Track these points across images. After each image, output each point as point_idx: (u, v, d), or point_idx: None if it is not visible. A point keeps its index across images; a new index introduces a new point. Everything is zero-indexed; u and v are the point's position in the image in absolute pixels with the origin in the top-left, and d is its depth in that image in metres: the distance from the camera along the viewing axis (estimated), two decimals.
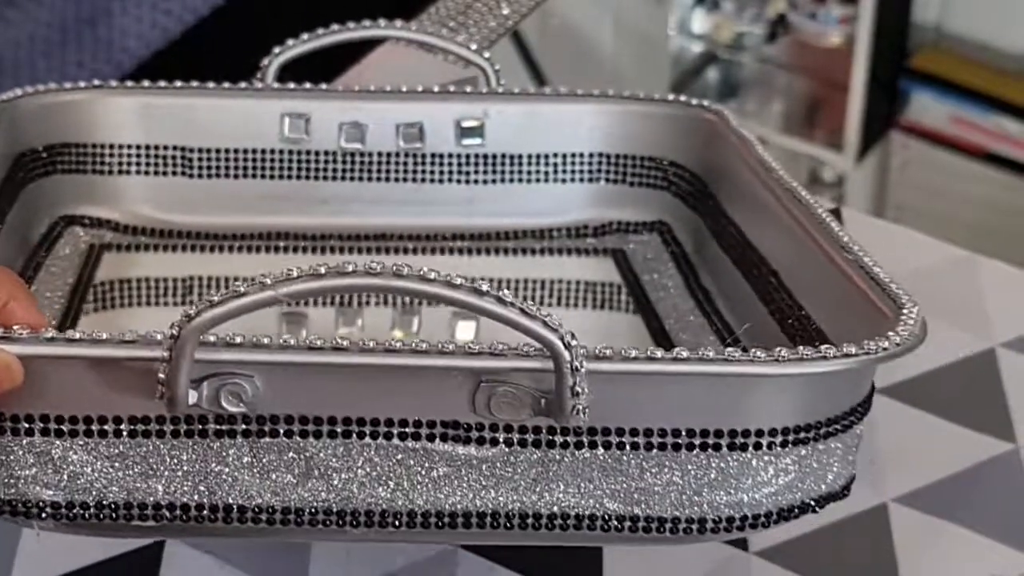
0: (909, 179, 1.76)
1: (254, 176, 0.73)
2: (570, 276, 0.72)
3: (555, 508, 0.51)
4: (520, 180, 0.73)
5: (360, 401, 0.49)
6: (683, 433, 0.50)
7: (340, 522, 0.51)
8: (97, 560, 0.62)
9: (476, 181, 0.73)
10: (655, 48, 1.83)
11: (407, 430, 0.50)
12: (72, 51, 1.07)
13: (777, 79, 1.83)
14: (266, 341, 0.48)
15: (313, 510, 0.51)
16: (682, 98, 0.72)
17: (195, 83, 0.72)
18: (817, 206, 0.61)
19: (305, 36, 0.71)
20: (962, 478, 0.65)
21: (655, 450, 0.50)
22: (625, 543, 0.53)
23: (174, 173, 0.73)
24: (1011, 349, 0.70)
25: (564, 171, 0.73)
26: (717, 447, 0.50)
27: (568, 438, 0.50)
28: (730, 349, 0.49)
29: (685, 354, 0.49)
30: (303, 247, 0.72)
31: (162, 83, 0.72)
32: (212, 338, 0.48)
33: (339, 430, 0.50)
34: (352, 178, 0.73)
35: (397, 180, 0.73)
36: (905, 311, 0.53)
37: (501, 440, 0.50)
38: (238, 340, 0.48)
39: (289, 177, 0.73)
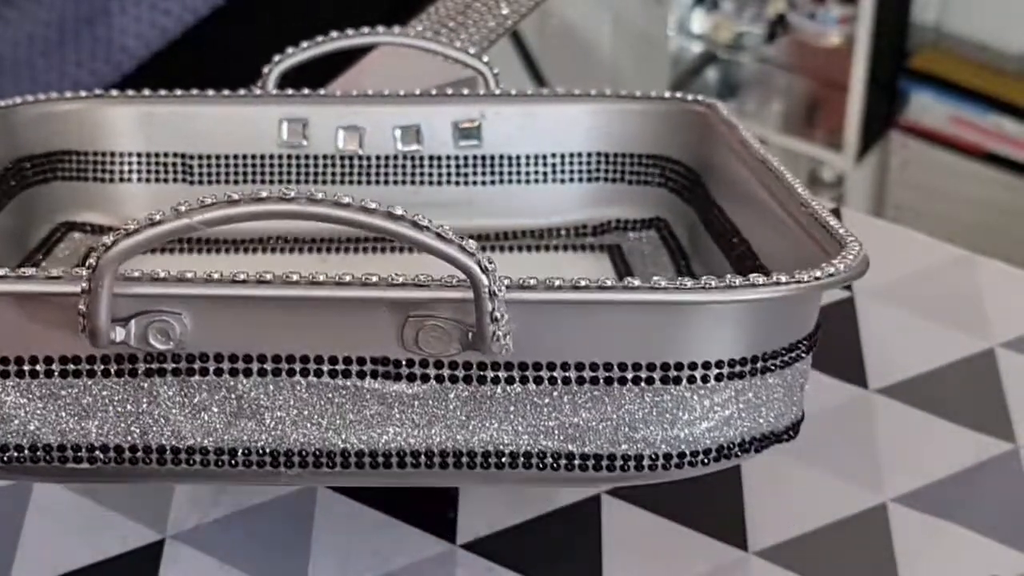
0: (908, 179, 1.76)
1: (254, 181, 0.73)
2: (569, 274, 0.72)
3: (489, 446, 0.51)
4: (518, 181, 0.73)
5: (288, 337, 0.50)
6: (615, 367, 0.50)
7: (273, 463, 0.51)
8: (97, 560, 0.62)
9: (474, 183, 0.73)
10: (654, 48, 1.83)
11: (337, 367, 0.50)
12: (71, 51, 1.07)
13: (776, 79, 1.83)
14: (190, 275, 0.49)
15: (246, 450, 0.51)
16: (677, 94, 0.72)
17: (194, 91, 0.73)
18: (788, 174, 0.61)
19: (305, 44, 0.71)
20: (962, 478, 0.65)
21: (587, 384, 0.50)
22: (561, 483, 0.53)
23: (175, 180, 0.73)
24: (1011, 349, 0.70)
25: (562, 171, 0.73)
26: (650, 380, 0.50)
27: (499, 373, 0.50)
28: (657, 278, 0.49)
29: (610, 282, 0.49)
30: (301, 248, 0.72)
31: (162, 91, 0.73)
32: (138, 274, 0.48)
33: (268, 368, 0.50)
34: (351, 181, 0.73)
35: (395, 183, 0.73)
36: (847, 247, 0.53)
37: (432, 376, 0.50)
38: (162, 275, 0.48)
39: (288, 181, 0.73)
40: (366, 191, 0.73)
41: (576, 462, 0.52)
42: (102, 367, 0.50)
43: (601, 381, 0.51)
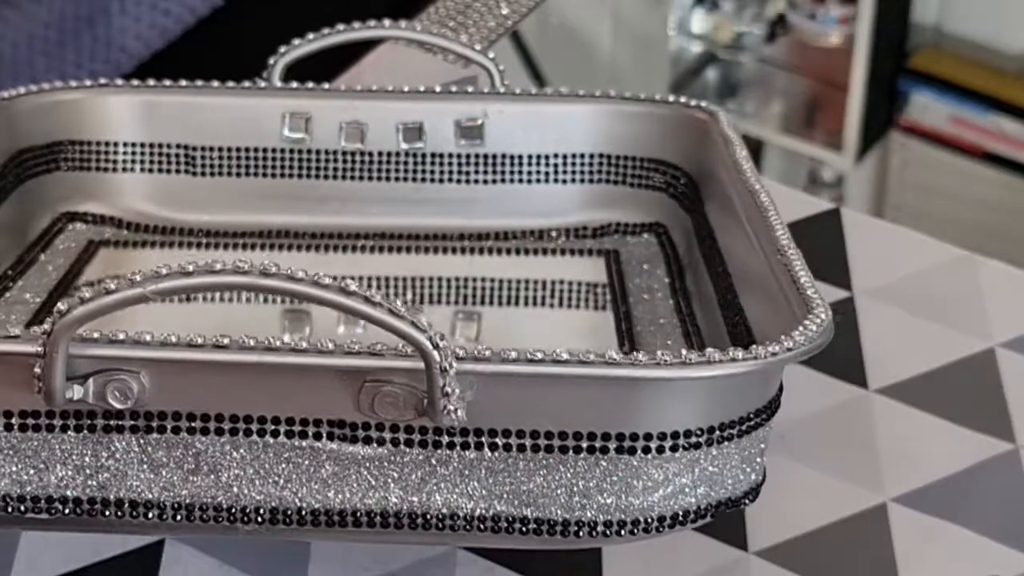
0: (908, 179, 1.76)
1: (255, 175, 0.73)
2: (567, 276, 0.72)
3: (444, 509, 0.52)
4: (519, 180, 0.73)
5: (246, 398, 0.50)
6: (570, 436, 0.51)
7: (231, 519, 0.52)
8: (96, 560, 0.62)
9: (476, 181, 0.73)
10: (654, 48, 1.83)
11: (294, 428, 0.51)
12: (71, 51, 1.07)
13: (776, 79, 1.83)
14: (147, 338, 0.49)
15: (203, 506, 0.52)
16: (681, 99, 0.72)
17: (199, 82, 0.72)
18: (772, 210, 0.61)
19: (311, 36, 0.71)
20: (962, 478, 0.65)
21: (542, 452, 0.51)
22: (517, 544, 0.53)
23: (177, 171, 0.73)
24: (1011, 349, 0.70)
25: (563, 171, 0.73)
26: (604, 450, 0.51)
27: (454, 438, 0.51)
28: (611, 352, 0.49)
29: (565, 356, 0.49)
30: (302, 245, 0.72)
31: (166, 82, 0.73)
32: (96, 335, 0.49)
33: (226, 427, 0.51)
34: (352, 177, 0.73)
35: (397, 180, 0.73)
36: (813, 312, 0.53)
37: (388, 439, 0.51)
38: (120, 336, 0.49)
39: (290, 176, 0.73)
40: (368, 187, 0.73)
41: (531, 526, 0.52)
42: (61, 422, 0.51)
43: (556, 449, 0.51)
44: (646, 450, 0.51)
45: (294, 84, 0.72)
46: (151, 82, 0.73)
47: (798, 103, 1.82)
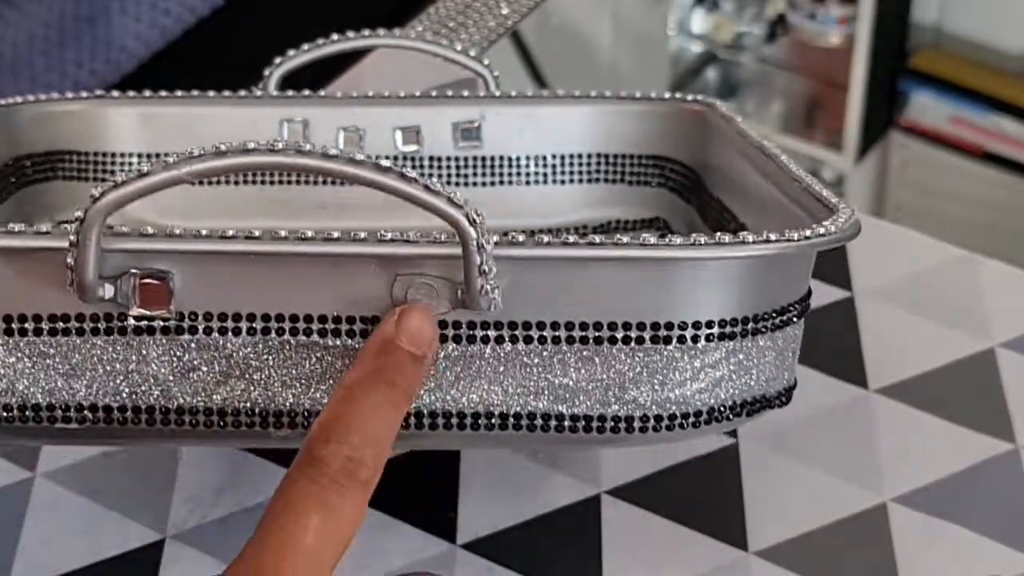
0: (909, 179, 1.76)
1: (254, 183, 0.73)
2: None
3: (479, 407, 0.51)
4: (518, 182, 0.73)
5: (278, 296, 0.50)
6: (604, 326, 0.50)
7: (263, 423, 0.51)
8: (97, 560, 0.62)
9: (474, 184, 0.73)
10: (654, 48, 1.83)
11: (327, 326, 0.50)
12: (71, 51, 1.07)
13: (777, 79, 1.83)
14: (178, 231, 0.49)
15: (235, 411, 0.51)
16: (676, 95, 0.72)
17: (195, 92, 0.73)
18: (783, 155, 0.61)
19: (306, 46, 0.72)
20: (962, 478, 0.65)
21: (576, 344, 0.50)
22: (551, 444, 0.53)
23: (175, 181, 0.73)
24: (1011, 349, 0.70)
25: (561, 172, 0.73)
26: (640, 340, 0.50)
27: (488, 332, 0.50)
28: (646, 235, 0.49)
29: (598, 239, 0.49)
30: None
31: (163, 92, 0.73)
32: (126, 229, 0.49)
33: (258, 327, 0.50)
34: (351, 182, 0.73)
35: None
36: (838, 212, 0.53)
37: None
38: (151, 231, 0.49)
39: (288, 183, 0.73)
40: (367, 191, 0.73)
41: (566, 423, 0.52)
42: (91, 325, 0.50)
43: (591, 340, 0.50)
44: (681, 340, 0.51)
45: (290, 92, 0.73)
46: (148, 93, 0.73)
47: (798, 103, 1.82)
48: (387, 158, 0.73)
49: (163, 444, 0.57)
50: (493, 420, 0.51)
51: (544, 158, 0.73)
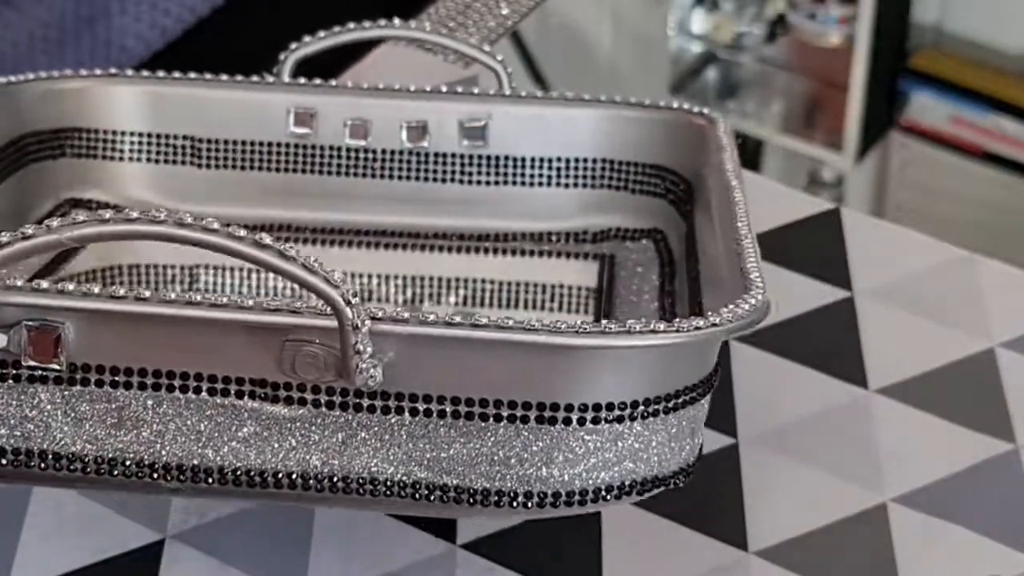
0: (909, 179, 1.76)
1: (260, 168, 0.73)
2: (560, 280, 0.72)
3: (365, 473, 0.52)
4: (521, 183, 0.73)
5: (169, 353, 0.51)
6: (490, 403, 0.50)
7: (153, 474, 0.52)
8: (97, 560, 0.62)
9: (478, 182, 0.73)
10: (654, 48, 1.82)
11: (216, 385, 0.51)
12: (71, 51, 1.07)
13: (776, 79, 1.82)
14: (71, 287, 0.49)
15: (126, 461, 0.52)
16: (684, 105, 0.72)
17: (207, 75, 0.73)
18: (741, 204, 0.60)
19: (322, 33, 0.72)
20: (962, 478, 0.65)
21: (462, 419, 0.51)
22: (436, 513, 0.53)
23: (182, 162, 0.73)
24: (1011, 349, 0.70)
25: (565, 175, 0.73)
26: (525, 419, 0.50)
27: (374, 401, 0.51)
28: (535, 319, 0.50)
29: (483, 320, 0.49)
30: (303, 239, 0.72)
31: (175, 73, 0.73)
32: (19, 283, 0.49)
33: (149, 382, 0.51)
34: (355, 174, 0.73)
35: (400, 178, 0.73)
36: (746, 295, 0.52)
37: (308, 400, 0.51)
38: (44, 286, 0.49)
39: (294, 171, 0.73)
40: (370, 184, 0.73)
41: (451, 494, 0.52)
42: None
43: (476, 416, 0.51)
44: (567, 421, 0.50)
45: (301, 80, 0.73)
46: (160, 73, 0.73)
47: (798, 103, 1.82)
48: (393, 152, 0.73)
49: (56, 487, 0.58)
50: (379, 487, 0.52)
51: (549, 160, 0.73)
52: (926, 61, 1.72)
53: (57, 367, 0.51)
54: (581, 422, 0.51)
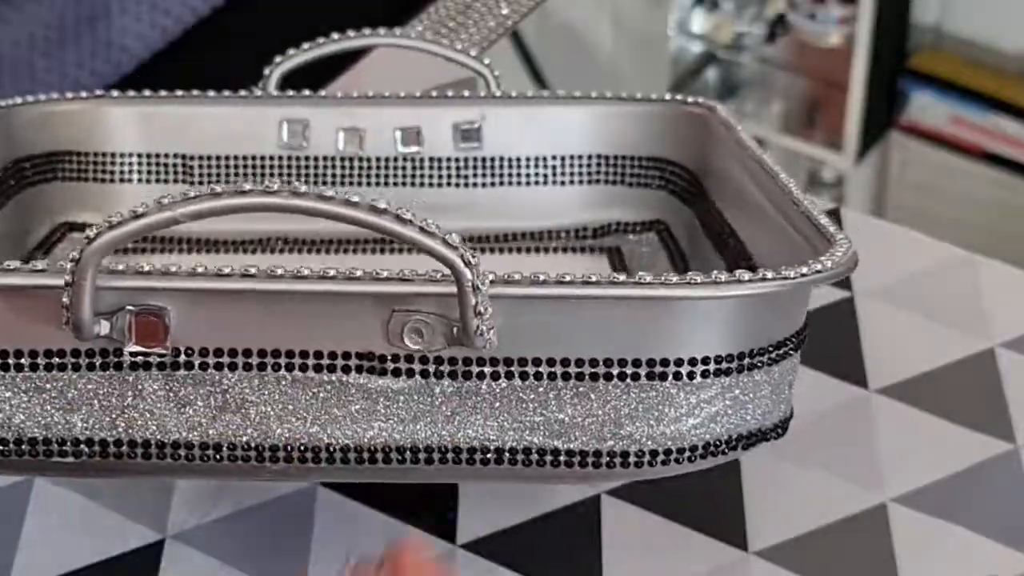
0: (909, 179, 1.76)
1: (254, 183, 0.73)
2: (576, 275, 0.72)
3: (475, 442, 0.51)
4: (518, 183, 0.73)
5: (273, 332, 0.50)
6: (600, 363, 0.50)
7: (258, 457, 0.52)
8: (97, 560, 0.62)
9: (475, 184, 0.73)
10: (654, 48, 1.82)
11: (322, 362, 0.50)
12: (71, 51, 1.07)
13: (776, 79, 1.82)
14: (175, 268, 0.49)
15: (231, 445, 0.51)
16: (677, 97, 0.72)
17: (195, 92, 0.73)
18: (783, 174, 0.61)
19: (306, 45, 0.72)
20: (962, 478, 0.65)
21: (572, 380, 0.51)
22: (547, 479, 0.53)
23: (175, 180, 0.73)
24: (1011, 349, 0.70)
25: (562, 173, 0.73)
26: (636, 377, 0.51)
27: (484, 368, 0.50)
28: (643, 273, 0.50)
29: (595, 278, 0.49)
30: (301, 249, 0.72)
31: (162, 92, 0.73)
32: (122, 266, 0.49)
33: (253, 362, 0.50)
34: (351, 183, 0.73)
35: (395, 184, 0.73)
36: (835, 244, 0.53)
37: (417, 371, 0.50)
38: (146, 268, 0.49)
39: (288, 183, 0.73)
40: (366, 193, 0.73)
41: (562, 458, 0.52)
42: (87, 361, 0.50)
43: (586, 377, 0.51)
44: (677, 376, 0.51)
45: (290, 92, 0.72)
46: (147, 93, 0.73)
47: (798, 103, 1.82)
48: (387, 159, 0.73)
49: (158, 478, 0.57)
50: (489, 455, 0.52)
51: (544, 159, 0.73)
52: (926, 61, 1.72)
53: (163, 352, 0.50)
54: (691, 376, 0.51)
